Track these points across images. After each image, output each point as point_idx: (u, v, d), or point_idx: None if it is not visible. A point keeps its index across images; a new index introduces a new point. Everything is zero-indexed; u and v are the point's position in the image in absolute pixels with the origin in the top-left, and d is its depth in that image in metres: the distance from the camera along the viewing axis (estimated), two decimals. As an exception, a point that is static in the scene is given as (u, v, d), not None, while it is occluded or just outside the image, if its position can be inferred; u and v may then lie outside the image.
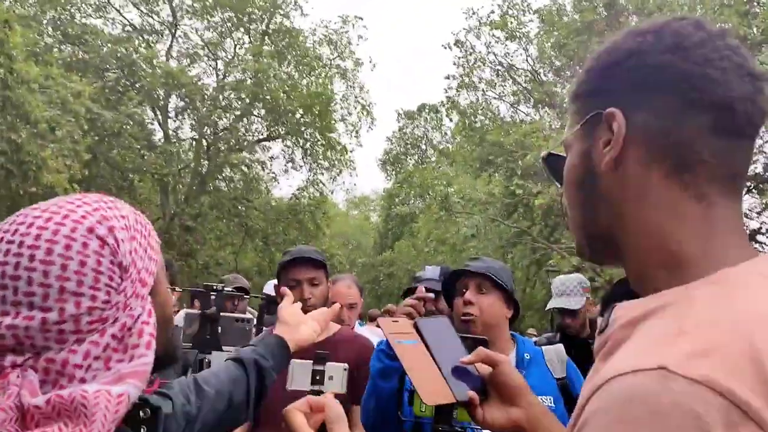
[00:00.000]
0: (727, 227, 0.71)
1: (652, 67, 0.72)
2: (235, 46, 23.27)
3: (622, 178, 0.73)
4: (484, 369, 1.12)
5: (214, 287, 1.78)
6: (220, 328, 1.75)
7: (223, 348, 1.77)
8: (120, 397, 0.86)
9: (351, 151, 23.70)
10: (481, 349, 1.13)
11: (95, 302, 0.87)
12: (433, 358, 1.12)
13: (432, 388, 1.08)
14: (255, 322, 1.85)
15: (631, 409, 0.56)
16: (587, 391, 0.63)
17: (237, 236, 22.37)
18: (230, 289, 1.78)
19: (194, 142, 22.44)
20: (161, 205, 21.62)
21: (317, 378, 2.07)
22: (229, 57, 22.89)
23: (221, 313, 1.78)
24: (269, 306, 6.14)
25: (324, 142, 22.99)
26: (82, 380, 0.85)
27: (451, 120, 21.98)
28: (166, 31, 22.78)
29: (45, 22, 18.63)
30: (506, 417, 1.07)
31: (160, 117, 22.16)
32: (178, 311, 2.76)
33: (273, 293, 3.75)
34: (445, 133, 29.65)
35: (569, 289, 3.93)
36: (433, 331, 1.18)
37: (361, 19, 26.29)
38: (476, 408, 1.08)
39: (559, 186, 0.86)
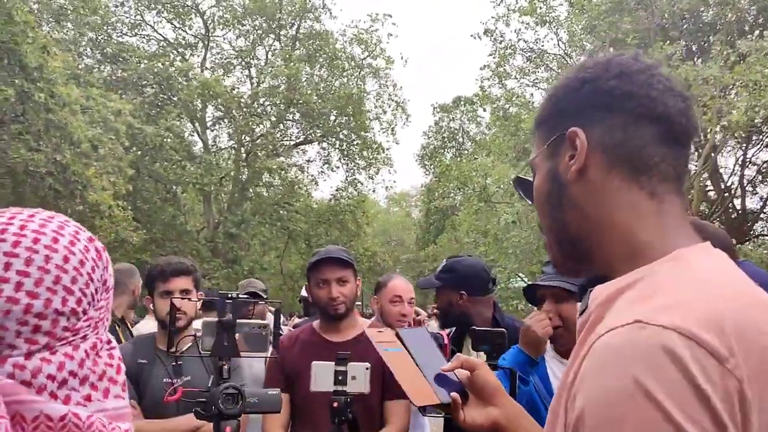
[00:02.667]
0: (676, 219, 0.83)
1: (603, 91, 0.85)
2: (267, 52, 23.58)
3: (587, 185, 0.85)
4: (462, 373, 1.21)
5: (229, 294, 1.82)
6: (237, 334, 1.80)
7: (241, 354, 1.82)
8: None
9: (387, 149, 23.73)
10: (459, 355, 1.23)
11: (79, 306, 0.86)
12: (416, 365, 1.22)
13: (419, 390, 1.17)
14: (272, 327, 1.89)
15: (615, 355, 0.67)
16: (578, 361, 0.73)
17: (280, 240, 22.66)
18: (244, 295, 1.83)
19: (233, 151, 22.83)
20: (205, 214, 22.08)
21: (340, 378, 2.11)
22: (262, 64, 23.20)
23: (238, 320, 1.82)
24: (306, 308, 6.21)
25: (359, 142, 23.08)
26: (53, 395, 0.82)
27: (484, 110, 21.81)
28: (200, 44, 23.25)
29: (83, 43, 19.19)
30: (485, 416, 1.17)
31: (198, 128, 22.63)
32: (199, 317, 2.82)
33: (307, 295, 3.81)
34: (480, 124, 29.44)
35: None
36: (414, 340, 1.28)
37: (390, 16, 26.33)
38: (458, 409, 1.16)
39: (530, 203, 0.98)
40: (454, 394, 1.16)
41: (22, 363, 0.80)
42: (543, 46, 19.12)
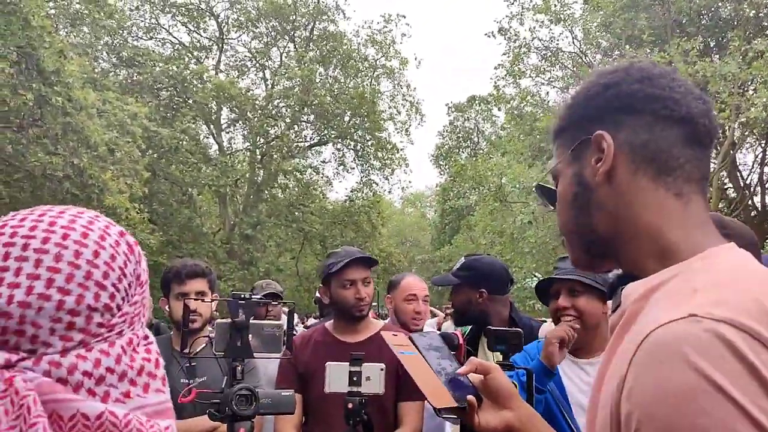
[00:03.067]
0: (701, 219, 0.86)
1: (626, 94, 0.88)
2: (281, 54, 23.67)
3: (614, 186, 0.87)
4: (476, 377, 1.22)
5: (242, 295, 1.82)
6: (250, 335, 1.79)
7: (255, 355, 1.82)
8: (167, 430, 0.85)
9: (402, 149, 23.72)
10: (472, 359, 1.23)
11: (112, 301, 0.85)
12: (431, 368, 1.22)
13: (437, 393, 1.17)
14: (285, 328, 1.88)
15: (673, 350, 0.67)
16: (619, 356, 0.74)
17: (296, 242, 22.73)
18: (260, 296, 1.82)
19: (248, 153, 22.93)
20: (221, 216, 22.21)
21: (354, 379, 2.10)
22: (276, 66, 23.29)
23: (251, 321, 1.81)
24: (321, 309, 6.21)
25: (374, 142, 23.09)
26: (90, 393, 0.80)
27: (499, 109, 21.73)
28: (214, 46, 23.39)
29: (99, 47, 19.37)
30: (500, 419, 1.17)
31: (213, 130, 22.77)
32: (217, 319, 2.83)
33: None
34: (495, 123, 29.34)
35: None
36: (427, 344, 1.29)
37: (404, 17, 26.31)
38: (474, 412, 1.17)
39: (553, 209, 1.00)
40: (470, 397, 1.16)
41: (57, 360, 0.79)
42: (558, 44, 19.00)
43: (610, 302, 2.21)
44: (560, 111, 0.98)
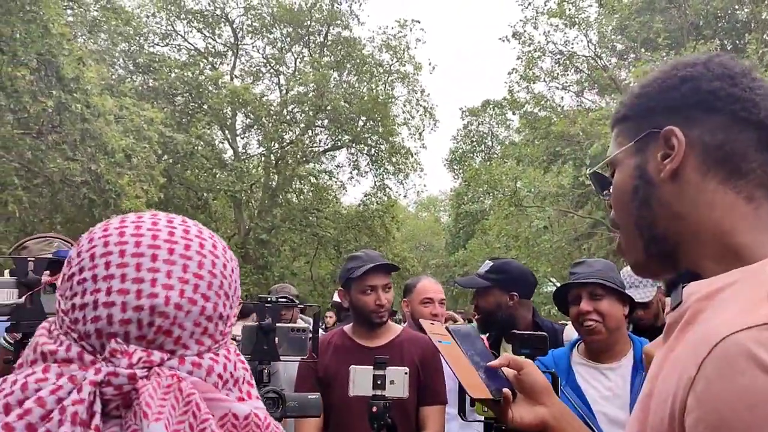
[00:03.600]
0: None
1: (706, 92, 0.84)
2: (296, 60, 23.76)
3: (681, 184, 0.84)
4: (509, 372, 1.22)
5: (268, 299, 1.83)
6: (276, 338, 1.80)
7: (281, 358, 1.83)
8: None
9: (416, 154, 23.70)
10: (506, 354, 1.24)
11: (231, 311, 0.89)
12: (468, 359, 1.22)
13: (475, 384, 1.16)
14: (310, 331, 1.90)
15: (757, 357, 0.64)
16: (689, 354, 0.71)
17: (310, 246, 22.75)
18: (283, 300, 1.83)
19: (263, 158, 23.02)
20: (236, 220, 22.29)
21: (378, 383, 2.10)
22: (291, 71, 23.39)
23: (277, 324, 1.83)
24: (339, 313, 6.22)
25: (388, 147, 23.10)
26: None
27: (514, 113, 21.65)
28: (229, 52, 23.52)
29: (116, 54, 19.56)
30: (534, 415, 1.16)
31: (228, 136, 22.88)
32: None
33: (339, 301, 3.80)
34: (509, 127, 29.23)
35: (639, 281, 3.80)
36: (463, 335, 1.28)
37: (419, 22, 26.31)
38: (509, 406, 1.16)
39: (606, 198, 0.97)
40: (506, 390, 1.16)
41: (198, 362, 0.83)
42: (572, 48, 18.94)
43: (668, 299, 2.19)
44: (627, 98, 0.94)
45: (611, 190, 0.94)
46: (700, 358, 0.69)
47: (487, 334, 2.84)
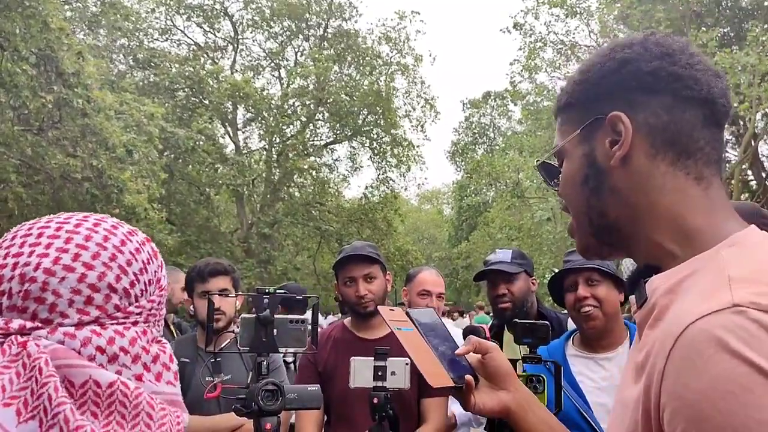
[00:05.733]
0: (722, 203, 0.82)
1: (646, 73, 0.82)
2: (296, 53, 23.72)
3: (631, 170, 0.82)
4: (474, 357, 1.18)
5: (267, 290, 1.81)
6: (275, 330, 1.78)
7: (279, 349, 1.81)
8: (180, 426, 0.86)
9: (418, 146, 23.64)
10: (471, 337, 1.19)
11: (131, 288, 0.87)
12: (428, 345, 1.17)
13: (434, 371, 1.12)
14: (310, 322, 1.87)
15: (722, 341, 0.62)
16: (657, 346, 0.68)
17: (313, 240, 22.78)
18: (281, 291, 1.82)
19: (264, 152, 23.01)
20: (238, 215, 22.31)
21: (379, 374, 2.08)
22: (291, 65, 23.34)
23: (276, 315, 1.81)
24: (341, 306, 6.19)
25: (389, 139, 23.06)
26: (102, 368, 0.81)
27: (515, 104, 21.59)
28: (229, 47, 23.49)
29: (116, 49, 19.52)
30: (496, 400, 1.12)
31: (229, 130, 22.87)
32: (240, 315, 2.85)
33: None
34: (510, 118, 29.17)
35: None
36: (424, 320, 1.23)
37: (419, 13, 26.18)
38: (470, 393, 1.12)
39: (556, 189, 0.94)
40: (468, 377, 1.12)
41: (72, 332, 0.81)
42: (574, 37, 18.84)
43: (632, 297, 2.17)
44: (568, 85, 0.91)
45: (560, 179, 0.92)
46: (667, 349, 0.67)
47: (489, 324, 2.82)
